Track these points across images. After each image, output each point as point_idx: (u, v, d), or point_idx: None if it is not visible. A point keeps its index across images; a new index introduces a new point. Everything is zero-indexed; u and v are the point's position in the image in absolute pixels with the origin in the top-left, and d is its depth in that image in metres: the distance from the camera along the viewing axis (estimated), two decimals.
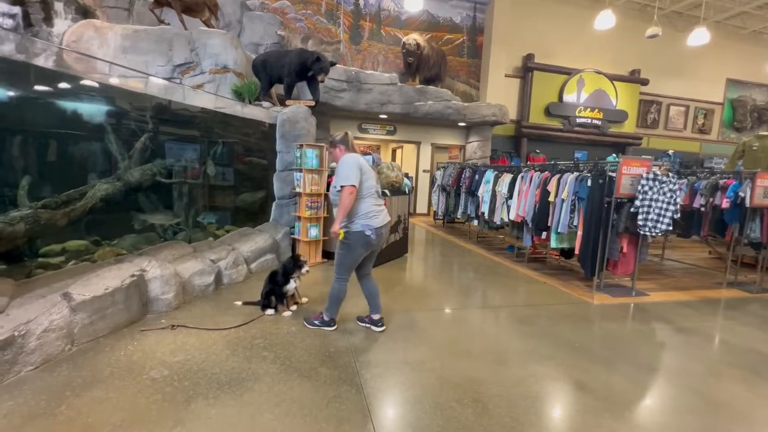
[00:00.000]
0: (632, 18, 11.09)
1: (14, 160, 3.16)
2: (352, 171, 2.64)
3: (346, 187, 2.61)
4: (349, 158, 2.72)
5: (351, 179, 2.61)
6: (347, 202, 2.62)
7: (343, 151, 2.84)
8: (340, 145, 2.84)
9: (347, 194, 2.61)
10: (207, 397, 2.02)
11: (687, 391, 2.31)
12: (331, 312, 2.92)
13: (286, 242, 5.02)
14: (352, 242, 2.70)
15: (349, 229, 2.70)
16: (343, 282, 2.82)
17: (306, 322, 2.99)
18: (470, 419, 1.93)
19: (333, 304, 2.90)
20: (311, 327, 2.94)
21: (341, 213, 2.63)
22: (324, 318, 2.93)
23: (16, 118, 3.14)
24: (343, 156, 2.79)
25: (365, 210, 2.71)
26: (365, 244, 2.71)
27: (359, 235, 2.68)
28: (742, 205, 4.36)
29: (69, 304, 2.44)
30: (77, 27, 5.30)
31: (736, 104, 13.13)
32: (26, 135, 3.19)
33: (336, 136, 2.87)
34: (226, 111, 4.90)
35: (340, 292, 2.84)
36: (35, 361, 2.19)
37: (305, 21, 9.51)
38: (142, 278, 3.02)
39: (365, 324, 3.05)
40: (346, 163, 2.69)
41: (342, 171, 2.66)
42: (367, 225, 2.68)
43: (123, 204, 3.88)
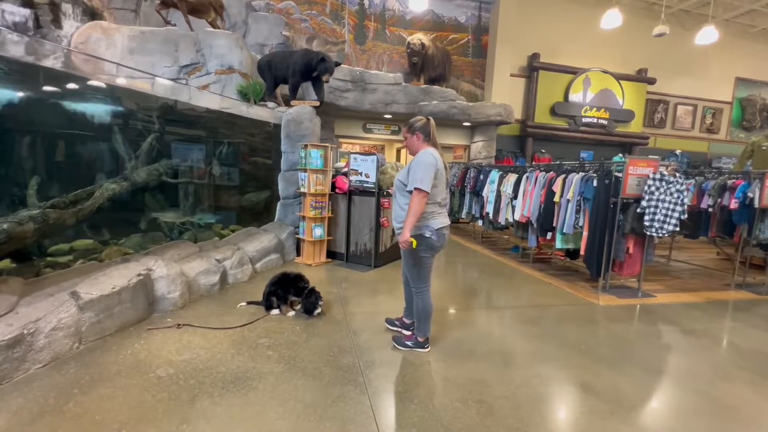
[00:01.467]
0: (639, 16, 10.98)
1: (23, 161, 3.21)
2: (429, 174, 2.34)
3: (419, 192, 2.32)
4: (429, 156, 2.39)
5: (426, 184, 2.31)
6: (419, 208, 2.34)
7: (420, 140, 2.50)
8: (419, 133, 2.49)
9: (419, 200, 2.32)
10: (212, 395, 2.03)
11: (694, 394, 2.29)
12: (424, 331, 2.63)
13: (291, 242, 5.05)
14: (416, 248, 2.46)
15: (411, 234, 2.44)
16: (426, 293, 2.58)
17: (396, 343, 2.70)
18: (475, 420, 1.93)
19: (424, 322, 2.61)
20: (403, 349, 2.65)
21: (412, 219, 2.34)
22: (418, 339, 2.65)
23: (26, 119, 3.19)
24: (420, 148, 2.48)
25: (431, 210, 2.47)
26: (429, 247, 2.48)
27: (418, 238, 2.45)
28: (750, 206, 4.31)
29: (77, 303, 2.47)
30: (85, 28, 5.35)
31: (745, 103, 12.95)
32: (35, 136, 3.24)
33: (416, 122, 2.52)
34: (231, 111, 4.92)
35: (426, 307, 2.58)
36: (44, 358, 2.22)
37: (310, 21, 9.53)
38: (149, 277, 3.05)
39: (396, 327, 2.92)
40: (425, 162, 2.36)
41: (418, 171, 2.34)
42: (427, 226, 2.45)
43: (130, 204, 3.92)
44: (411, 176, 2.39)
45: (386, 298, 3.77)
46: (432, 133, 2.49)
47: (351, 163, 4.94)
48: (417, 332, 2.67)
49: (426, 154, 2.41)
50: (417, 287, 2.60)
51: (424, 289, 2.58)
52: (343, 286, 4.05)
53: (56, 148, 3.48)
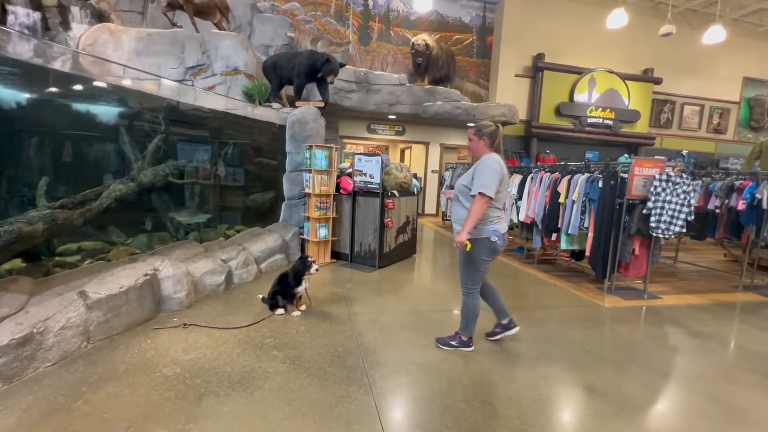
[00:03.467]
0: (645, 16, 10.91)
1: (32, 162, 3.25)
2: (495, 180, 2.36)
3: (483, 198, 2.35)
4: (495, 162, 2.42)
5: (491, 190, 2.35)
6: (480, 212, 2.37)
7: (486, 146, 2.50)
8: (486, 139, 2.49)
9: (481, 204, 2.36)
10: (218, 394, 2.05)
11: (701, 397, 2.27)
12: (469, 330, 2.68)
13: (296, 242, 5.07)
14: (478, 251, 2.48)
15: (474, 237, 2.46)
16: (474, 295, 2.62)
17: (440, 343, 2.73)
18: (479, 421, 1.93)
19: (470, 322, 2.66)
20: (448, 349, 2.68)
21: (471, 222, 2.37)
22: (462, 338, 2.69)
23: (35, 120, 3.23)
24: (484, 153, 2.50)
25: (492, 215, 2.48)
26: (492, 251, 2.51)
27: (485, 242, 2.46)
28: (758, 207, 4.27)
29: (85, 302, 2.50)
30: (93, 31, 5.41)
31: (753, 103, 12.82)
32: (43, 137, 3.28)
33: (485, 126, 2.51)
34: (236, 112, 4.96)
35: (474, 308, 2.63)
36: (53, 357, 2.25)
37: (315, 22, 9.57)
38: (155, 277, 3.08)
39: (499, 336, 2.85)
40: (492, 168, 2.38)
41: (484, 175, 2.37)
42: (494, 230, 2.46)
43: (136, 204, 3.96)
44: (476, 180, 2.40)
45: (391, 299, 3.78)
46: (499, 141, 2.51)
47: (355, 164, 4.96)
48: (462, 331, 2.70)
49: (492, 160, 2.43)
50: (468, 288, 2.62)
51: (474, 290, 2.62)
52: (348, 287, 4.06)
53: (64, 149, 3.52)
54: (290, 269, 3.28)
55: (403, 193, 5.25)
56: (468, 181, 2.49)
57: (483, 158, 2.48)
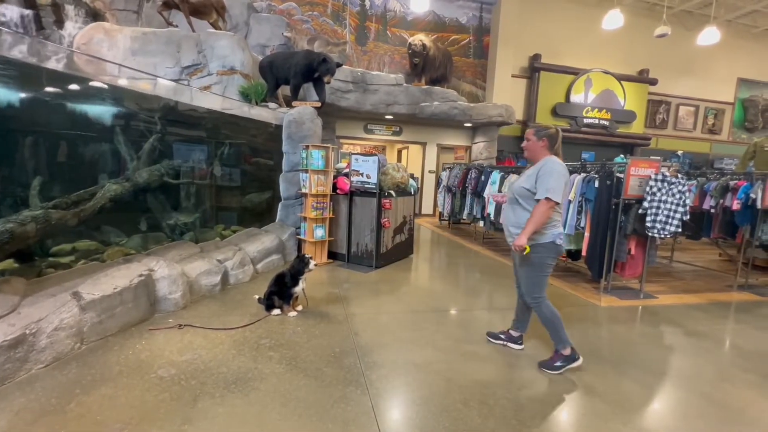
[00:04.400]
0: (641, 17, 10.98)
1: (26, 161, 3.21)
2: (561, 185, 2.30)
3: (550, 203, 2.28)
4: (561, 166, 2.34)
5: (558, 195, 2.27)
6: (544, 218, 2.30)
7: (545, 147, 2.42)
8: (546, 140, 2.41)
9: (547, 209, 2.29)
10: (214, 396, 2.03)
11: (697, 396, 2.28)
12: (564, 341, 2.49)
13: (293, 242, 5.05)
14: (543, 256, 2.41)
15: (536, 242, 2.37)
16: (545, 302, 2.49)
17: (546, 368, 2.49)
18: (476, 421, 1.93)
19: (558, 331, 2.48)
20: (556, 373, 2.45)
21: (533, 225, 2.30)
22: (562, 354, 2.49)
23: (28, 119, 3.20)
24: (543, 155, 2.42)
25: (553, 219, 2.39)
26: (556, 254, 2.44)
27: (550, 246, 2.39)
28: (753, 207, 4.29)
29: (79, 303, 2.47)
30: (87, 30, 5.37)
31: (748, 104, 12.93)
32: (37, 136, 3.24)
33: (545, 128, 2.44)
34: (233, 112, 4.93)
35: (552, 315, 2.48)
36: (46, 359, 2.23)
37: (312, 22, 9.55)
38: (150, 278, 3.05)
39: (500, 341, 2.81)
40: (559, 172, 2.31)
41: (552, 180, 2.28)
42: (558, 234, 2.41)
43: (131, 204, 3.93)
44: (542, 184, 2.31)
45: (388, 299, 3.77)
46: (558, 144, 2.44)
47: (352, 164, 4.95)
48: (559, 346, 2.50)
49: (557, 163, 2.35)
50: (536, 297, 2.49)
51: (543, 298, 2.49)
52: (345, 287, 4.05)
53: (58, 148, 3.48)
54: (287, 269, 3.27)
55: (400, 193, 5.24)
56: (531, 185, 2.38)
57: (546, 160, 2.38)
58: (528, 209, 2.41)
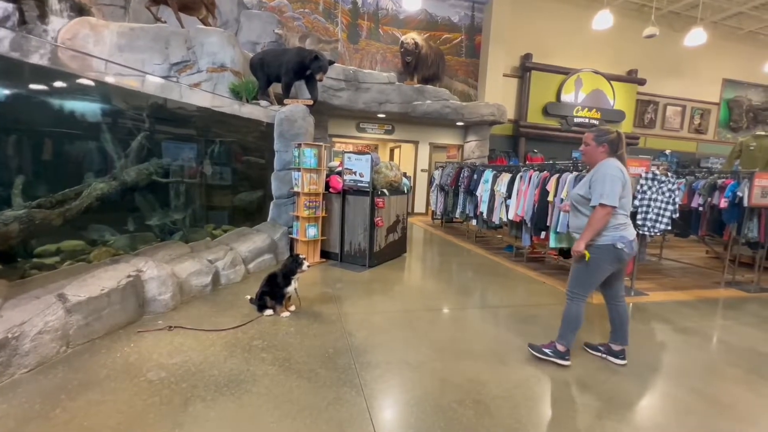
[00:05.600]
0: (630, 18, 11.12)
1: (8, 159, 3.11)
2: (617, 188, 2.22)
3: (604, 209, 2.22)
4: (614, 168, 2.27)
5: (612, 199, 2.20)
6: (601, 224, 2.25)
7: (605, 152, 2.35)
8: (606, 146, 2.34)
9: (603, 215, 2.23)
10: (205, 399, 1.99)
11: (687, 391, 2.31)
12: (567, 339, 2.48)
13: (285, 242, 4.99)
14: (599, 258, 2.33)
15: (595, 243, 2.32)
16: (581, 301, 2.43)
17: (533, 350, 2.59)
18: (472, 421, 1.92)
19: (569, 330, 2.46)
20: (541, 356, 2.54)
21: (590, 232, 2.26)
22: (557, 347, 2.50)
23: (10, 116, 3.09)
24: (601, 159, 2.35)
25: (616, 222, 2.32)
26: (615, 258, 2.34)
27: (608, 249, 2.31)
28: (739, 205, 4.37)
29: (64, 305, 2.40)
30: (72, 24, 5.24)
31: (733, 104, 13.19)
32: (20, 134, 3.14)
33: (607, 132, 2.36)
34: (223, 110, 4.86)
35: (578, 315, 2.44)
36: (30, 363, 2.16)
37: (303, 19, 9.47)
38: (139, 279, 2.98)
39: (600, 353, 2.68)
40: (611, 175, 2.24)
41: (606, 184, 2.22)
42: (621, 237, 2.30)
43: (119, 203, 3.84)
44: (594, 189, 2.28)
45: (381, 298, 3.75)
46: (621, 148, 2.37)
47: (345, 163, 4.91)
48: (559, 340, 2.51)
49: (610, 167, 2.29)
50: (575, 293, 2.44)
51: (582, 297, 2.45)
52: (338, 287, 4.02)
53: (42, 146, 3.38)
54: (280, 269, 3.23)
55: (393, 191, 5.22)
56: (586, 191, 2.35)
57: (600, 165, 2.33)
58: (586, 214, 2.37)
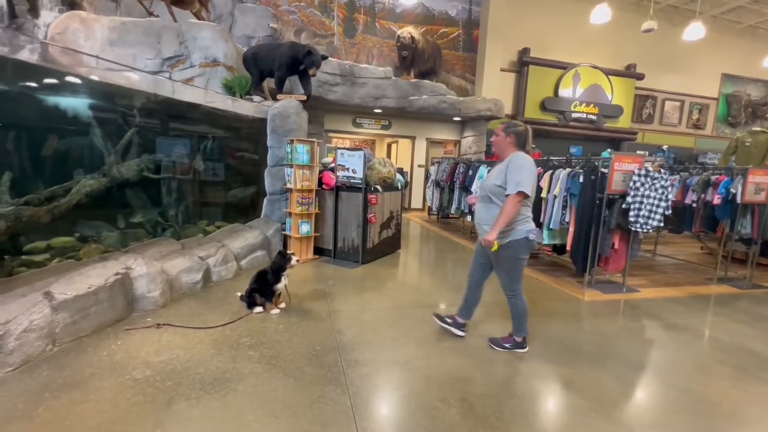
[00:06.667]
0: (628, 12, 11.02)
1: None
2: (531, 178, 2.35)
3: (520, 196, 2.33)
4: (528, 161, 2.39)
5: (528, 188, 2.32)
6: (514, 212, 2.35)
7: (513, 144, 2.47)
8: (513, 137, 2.46)
9: (517, 203, 2.33)
10: (189, 397, 1.99)
11: (675, 389, 2.31)
12: (523, 330, 2.66)
13: (278, 238, 4.98)
14: (516, 252, 2.47)
15: (509, 239, 2.43)
16: (522, 295, 2.60)
17: (493, 344, 2.72)
18: (455, 419, 1.92)
19: (522, 322, 2.64)
20: (501, 350, 2.67)
21: (503, 221, 2.34)
22: (516, 339, 2.68)
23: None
24: (511, 151, 2.47)
25: (525, 215, 2.46)
26: (528, 249, 2.50)
27: (523, 242, 2.44)
28: (733, 201, 4.36)
29: (50, 303, 2.39)
30: (62, 19, 5.18)
31: (731, 99, 13.14)
32: (6, 130, 3.11)
33: (515, 125, 2.49)
34: (216, 105, 4.81)
35: (524, 309, 2.61)
36: (14, 362, 2.15)
37: (299, 13, 9.37)
38: (128, 276, 2.97)
39: (446, 325, 2.87)
40: (527, 167, 2.35)
41: (522, 174, 2.33)
42: (530, 229, 2.46)
43: (109, 200, 3.82)
44: (510, 178, 2.35)
45: (373, 295, 3.75)
46: (528, 141, 2.50)
47: (338, 159, 4.88)
48: (516, 333, 2.68)
49: (525, 158, 2.40)
50: (513, 290, 2.58)
51: (519, 291, 2.59)
52: (330, 283, 4.01)
53: (30, 143, 3.35)
54: (269, 266, 3.22)
55: (386, 188, 5.20)
56: (502, 181, 2.41)
57: (514, 156, 2.42)
58: (500, 204, 2.44)
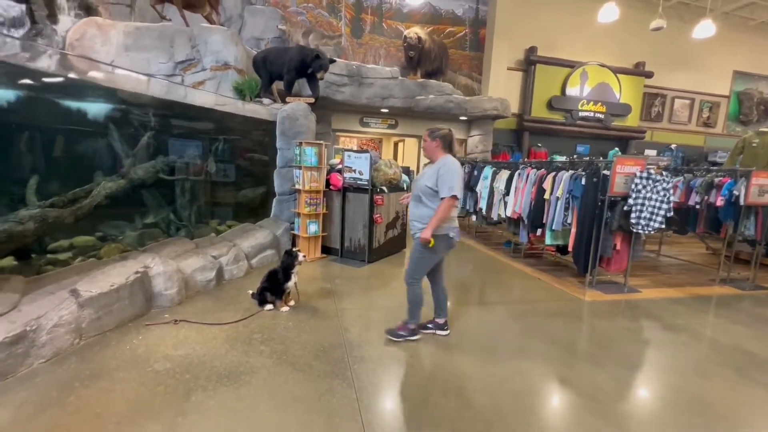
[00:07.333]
0: (637, 9, 10.90)
1: (22, 160, 3.27)
2: (460, 181, 2.56)
3: (454, 200, 2.53)
4: (456, 165, 2.59)
5: (458, 191, 2.52)
6: (447, 213, 2.56)
7: (439, 147, 2.67)
8: (440, 140, 2.66)
9: (450, 205, 2.55)
10: (206, 389, 2.14)
11: (669, 389, 2.40)
12: (416, 317, 2.84)
13: (287, 238, 5.13)
14: (438, 247, 2.64)
15: (436, 234, 2.60)
16: (419, 284, 2.78)
17: (389, 335, 2.84)
18: (453, 412, 2.04)
19: (415, 311, 2.82)
20: (397, 340, 2.81)
21: (437, 220, 2.54)
22: (409, 327, 2.84)
23: (24, 119, 3.24)
24: (440, 155, 2.66)
25: (452, 215, 2.67)
26: (448, 246, 2.70)
27: (444, 238, 2.64)
28: (736, 203, 4.39)
29: (77, 300, 2.57)
30: (80, 25, 5.37)
31: (743, 97, 12.93)
32: (34, 135, 3.29)
33: (439, 129, 2.69)
34: (226, 108, 4.97)
35: (417, 296, 2.79)
36: (46, 354, 2.33)
37: (306, 14, 9.48)
38: (146, 274, 3.14)
39: (430, 330, 2.98)
40: (455, 170, 2.56)
41: (453, 179, 2.53)
42: (452, 228, 2.66)
43: (127, 201, 4.00)
44: (443, 183, 2.54)
45: (379, 294, 3.88)
46: (452, 143, 2.69)
47: (345, 161, 5.01)
48: (410, 321, 2.86)
49: (455, 162, 2.61)
50: (413, 278, 2.78)
51: (417, 280, 2.79)
52: (337, 282, 4.15)
53: (54, 147, 3.54)
54: (279, 265, 3.36)
55: (392, 188, 5.31)
56: (433, 183, 2.60)
57: (443, 160, 2.63)
58: (430, 205, 2.64)
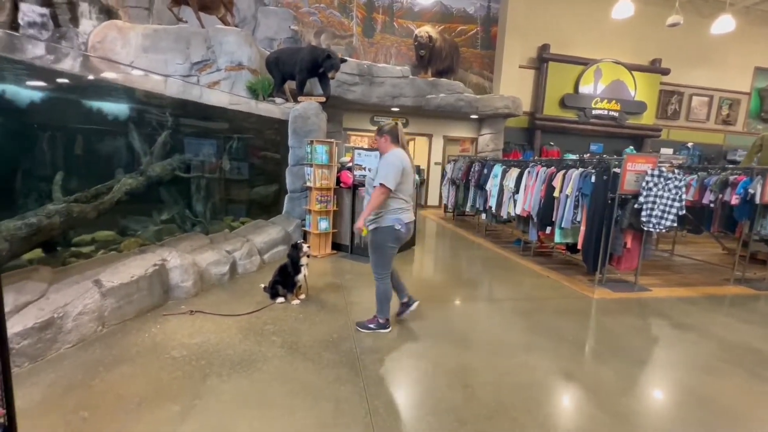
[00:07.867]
0: (652, 5, 10.71)
1: (48, 157, 3.45)
2: (394, 172, 2.59)
3: (382, 188, 2.59)
4: (395, 157, 2.64)
5: (390, 181, 2.57)
6: (377, 202, 2.61)
7: (388, 142, 2.74)
8: (387, 136, 2.74)
9: (379, 194, 2.60)
10: (221, 375, 2.25)
11: (674, 386, 2.41)
12: (384, 312, 2.90)
13: (298, 234, 5.25)
14: (383, 238, 2.72)
15: (379, 225, 2.70)
16: (385, 279, 2.84)
17: (360, 327, 2.92)
18: (458, 403, 2.10)
19: (383, 304, 2.89)
20: (366, 332, 2.88)
21: (369, 208, 2.64)
22: (379, 320, 2.91)
23: (49, 119, 3.42)
24: (389, 149, 2.72)
25: (395, 206, 2.70)
26: (395, 238, 2.73)
27: (389, 230, 2.69)
28: (751, 202, 4.32)
29: (100, 290, 2.71)
30: (101, 28, 5.57)
31: (764, 93, 12.58)
32: (59, 134, 3.47)
33: (384, 125, 2.77)
34: (240, 108, 5.11)
35: (386, 291, 2.86)
36: (72, 339, 2.47)
37: (318, 14, 9.60)
38: (164, 267, 3.28)
39: (404, 314, 3.11)
40: (391, 162, 2.62)
41: (384, 169, 2.61)
42: (398, 219, 2.69)
43: (145, 197, 4.16)
44: (378, 174, 2.66)
45: None
46: (399, 135, 2.76)
47: (355, 159, 5.09)
48: (379, 314, 2.92)
49: (392, 155, 2.68)
50: (379, 273, 2.84)
51: (384, 275, 2.85)
52: (347, 278, 4.24)
53: (78, 145, 3.71)
54: (288, 259, 3.45)
55: None
56: (374, 174, 2.74)
57: (388, 153, 2.71)
58: None
